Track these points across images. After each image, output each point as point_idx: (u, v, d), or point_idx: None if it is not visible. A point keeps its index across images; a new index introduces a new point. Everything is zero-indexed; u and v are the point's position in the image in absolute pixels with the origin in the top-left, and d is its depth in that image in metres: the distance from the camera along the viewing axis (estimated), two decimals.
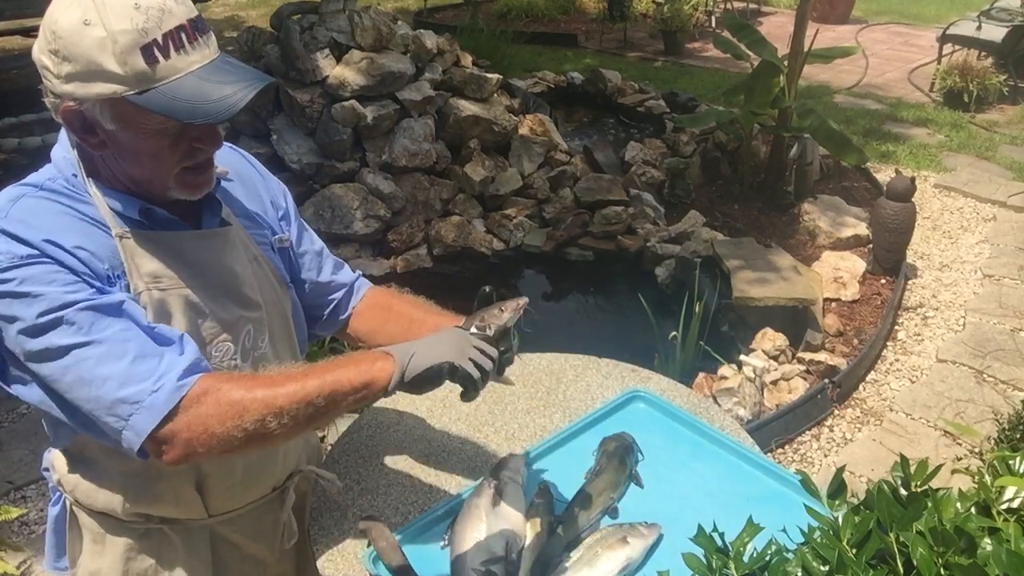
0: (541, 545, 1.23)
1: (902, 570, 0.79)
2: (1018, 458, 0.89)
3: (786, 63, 4.80)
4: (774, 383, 3.32)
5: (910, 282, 4.30)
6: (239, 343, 1.19)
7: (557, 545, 1.25)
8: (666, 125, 5.88)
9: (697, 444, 1.50)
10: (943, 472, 0.94)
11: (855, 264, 4.26)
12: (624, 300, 4.21)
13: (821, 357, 3.46)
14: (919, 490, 0.87)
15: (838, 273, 4.16)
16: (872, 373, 3.58)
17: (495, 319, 1.17)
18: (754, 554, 0.88)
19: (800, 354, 3.52)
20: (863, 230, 4.55)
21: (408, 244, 4.46)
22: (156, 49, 0.98)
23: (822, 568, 0.82)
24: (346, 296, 1.44)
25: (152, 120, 1.01)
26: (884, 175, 5.29)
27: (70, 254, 1.02)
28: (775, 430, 3.11)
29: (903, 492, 0.88)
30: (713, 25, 9.14)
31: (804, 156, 4.87)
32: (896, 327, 3.92)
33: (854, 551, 0.82)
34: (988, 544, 0.77)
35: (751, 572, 0.86)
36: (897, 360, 3.69)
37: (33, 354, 1.00)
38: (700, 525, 0.94)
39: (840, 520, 0.86)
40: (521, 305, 1.19)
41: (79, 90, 1.00)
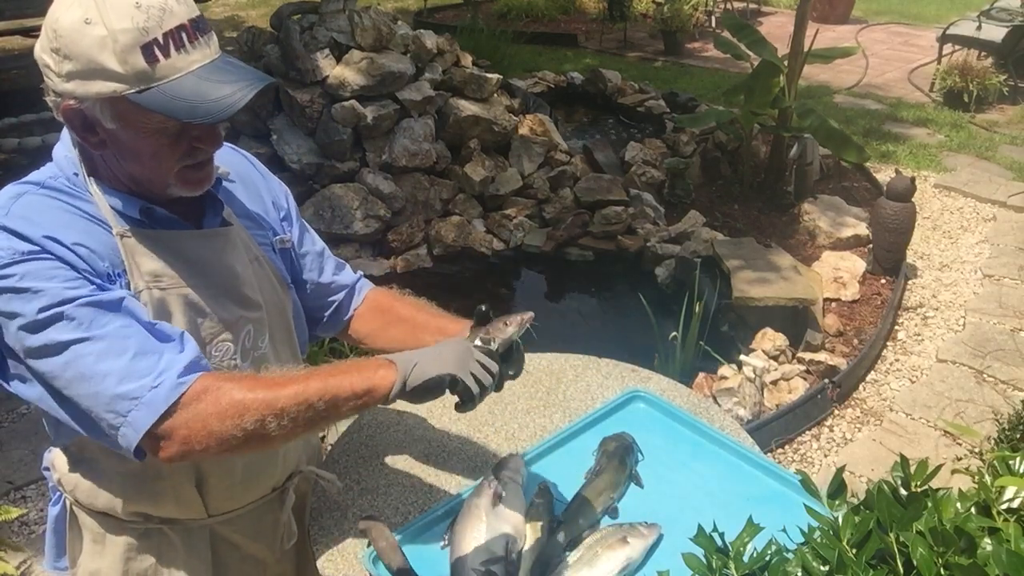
0: (541, 545, 1.23)
1: (902, 570, 0.79)
2: (1018, 458, 0.89)
3: (786, 63, 4.81)
4: (774, 383, 3.32)
5: (910, 282, 4.30)
6: (239, 343, 1.19)
7: (557, 545, 1.25)
8: (666, 125, 5.88)
9: (697, 444, 1.50)
10: (943, 472, 0.94)
11: (855, 264, 4.26)
12: (624, 300, 4.21)
13: (821, 357, 3.46)
14: (919, 490, 0.87)
15: (838, 273, 4.16)
16: (872, 373, 3.58)
17: (500, 333, 1.17)
18: (754, 554, 0.88)
19: (800, 354, 3.52)
20: (863, 230, 4.55)
21: (408, 244, 4.46)
22: (156, 48, 0.98)
23: (822, 568, 0.82)
24: (347, 297, 1.43)
25: (152, 119, 1.01)
26: (884, 175, 5.29)
27: (71, 251, 1.03)
28: (775, 430, 3.11)
29: (903, 492, 0.88)
30: (713, 25, 9.14)
31: (804, 156, 4.87)
32: (896, 327, 3.92)
33: (854, 551, 0.82)
34: (988, 544, 0.77)
35: (751, 572, 0.86)
36: (897, 360, 3.69)
37: (33, 350, 1.00)
38: (700, 525, 0.94)
39: (840, 520, 0.86)
40: (526, 320, 1.20)
41: (79, 88, 1.00)
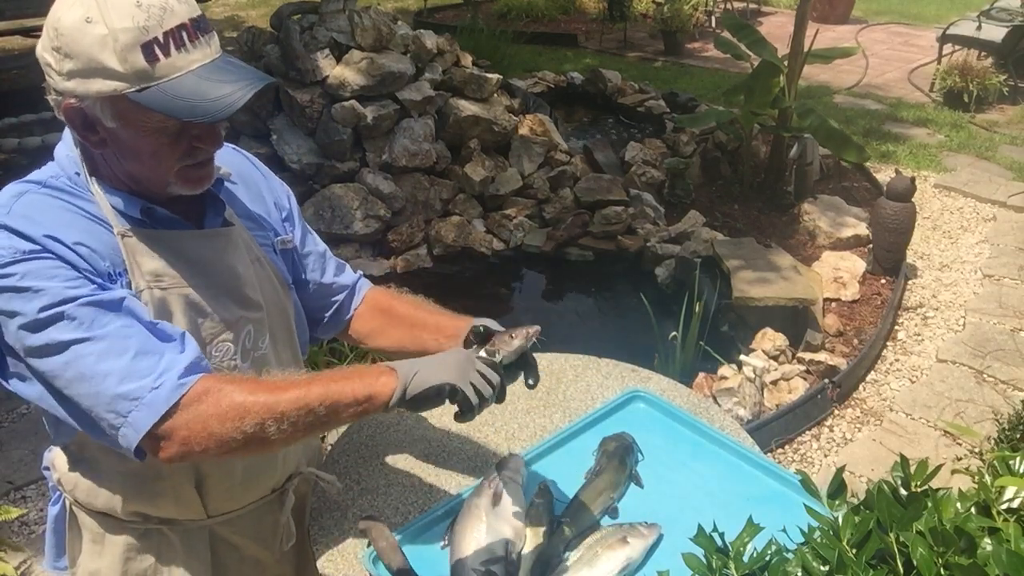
0: (541, 545, 1.23)
1: (902, 570, 0.79)
2: (1018, 458, 0.89)
3: (786, 63, 4.80)
4: (774, 383, 3.32)
5: (910, 282, 4.30)
6: (239, 343, 1.19)
7: (557, 545, 1.25)
8: (666, 125, 5.87)
9: (697, 444, 1.50)
10: (943, 472, 0.94)
11: (855, 264, 4.26)
12: (624, 300, 4.21)
13: (821, 357, 3.46)
14: (919, 490, 0.87)
15: (838, 273, 4.16)
16: (872, 373, 3.58)
17: (505, 345, 1.17)
18: (754, 554, 0.88)
19: (800, 354, 3.52)
20: (863, 230, 4.55)
21: (408, 244, 4.46)
22: (157, 47, 0.98)
23: (822, 568, 0.82)
24: (348, 298, 1.43)
25: (151, 118, 1.02)
26: (884, 175, 5.29)
27: (72, 250, 1.03)
28: (775, 430, 3.11)
29: (903, 492, 0.88)
30: (713, 25, 9.14)
31: (804, 156, 4.87)
32: (896, 327, 3.92)
33: (854, 551, 0.82)
34: (988, 544, 0.77)
35: (751, 572, 0.86)
36: (897, 360, 3.69)
37: (33, 349, 1.00)
38: (700, 525, 0.94)
39: (840, 520, 0.86)
40: (532, 334, 1.20)
41: (80, 87, 1.00)
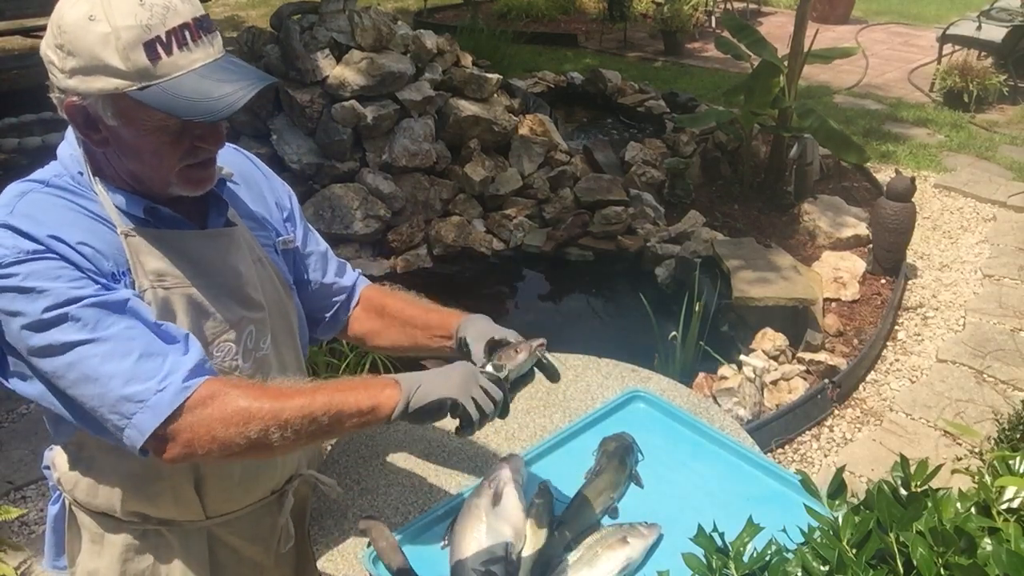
0: (541, 545, 1.23)
1: (902, 570, 0.79)
2: (1018, 458, 0.89)
3: (786, 63, 4.80)
4: (774, 383, 3.32)
5: (910, 282, 4.30)
6: (241, 343, 1.19)
7: (557, 545, 1.25)
8: (666, 125, 5.87)
9: (697, 444, 1.50)
10: (943, 472, 0.94)
11: (855, 264, 4.26)
12: (624, 300, 4.21)
13: (821, 357, 3.46)
14: (919, 490, 0.87)
15: (838, 273, 4.16)
16: (872, 373, 3.58)
17: (511, 360, 1.17)
18: (754, 554, 0.88)
19: (800, 354, 3.52)
20: (863, 230, 4.55)
21: (408, 244, 4.46)
22: (159, 45, 0.98)
23: (822, 568, 0.82)
24: (347, 299, 1.44)
25: (153, 117, 1.02)
26: (884, 175, 5.29)
27: (75, 250, 1.03)
28: (775, 430, 3.11)
29: (903, 492, 0.87)
30: (713, 25, 9.14)
31: (804, 156, 4.87)
32: (896, 327, 3.92)
33: (854, 551, 0.82)
34: (988, 544, 0.77)
35: (751, 572, 0.86)
36: (897, 360, 3.69)
37: (37, 349, 1.00)
38: (700, 525, 0.94)
39: (840, 520, 0.86)
40: (536, 347, 1.20)
41: (82, 85, 1.00)
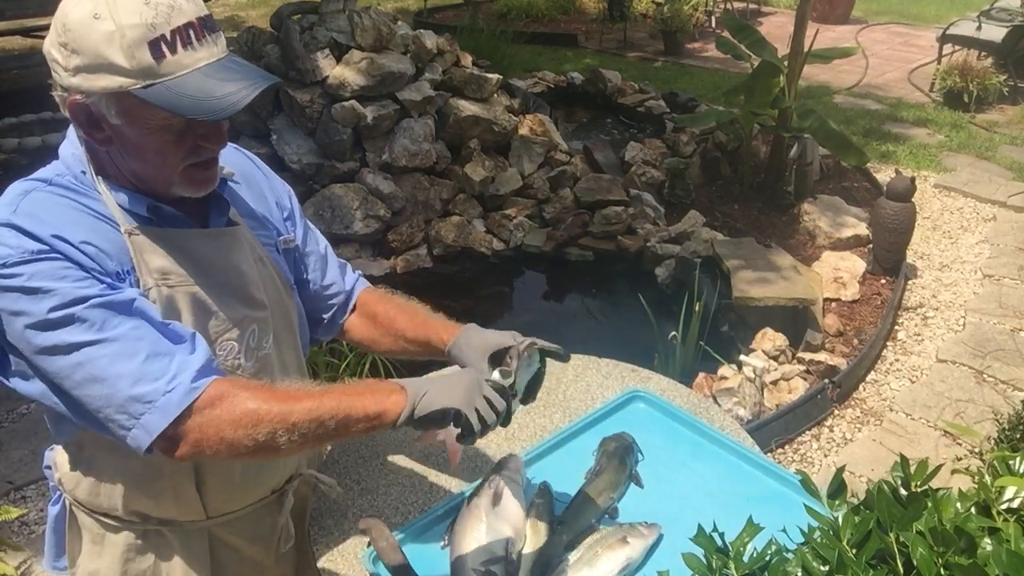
0: (541, 545, 1.23)
1: (902, 570, 0.79)
2: (1018, 458, 0.89)
3: (786, 63, 4.80)
4: (774, 383, 3.32)
5: (910, 282, 4.30)
6: (244, 342, 1.19)
7: (557, 545, 1.25)
8: (666, 125, 5.87)
9: (697, 444, 1.50)
10: (943, 472, 0.94)
11: (855, 264, 4.26)
12: (624, 300, 4.21)
13: (821, 357, 3.46)
14: (919, 490, 0.87)
15: (838, 273, 4.16)
16: (872, 373, 3.58)
17: (516, 362, 1.18)
18: (754, 554, 0.88)
19: (800, 354, 3.52)
20: (863, 230, 4.55)
21: (408, 244, 4.46)
22: (164, 44, 0.99)
23: (822, 568, 0.82)
24: (345, 302, 1.44)
25: (156, 115, 1.02)
26: (884, 175, 5.29)
27: (78, 250, 1.02)
28: (775, 430, 3.11)
29: (903, 492, 0.87)
30: (713, 25, 9.14)
31: (804, 156, 4.87)
32: (896, 327, 3.92)
33: (854, 551, 0.82)
34: (988, 544, 0.77)
35: (751, 572, 0.86)
36: (897, 360, 3.69)
37: (42, 349, 1.00)
38: (700, 525, 0.94)
39: (840, 520, 0.86)
40: (525, 347, 1.19)
41: (86, 83, 1.00)
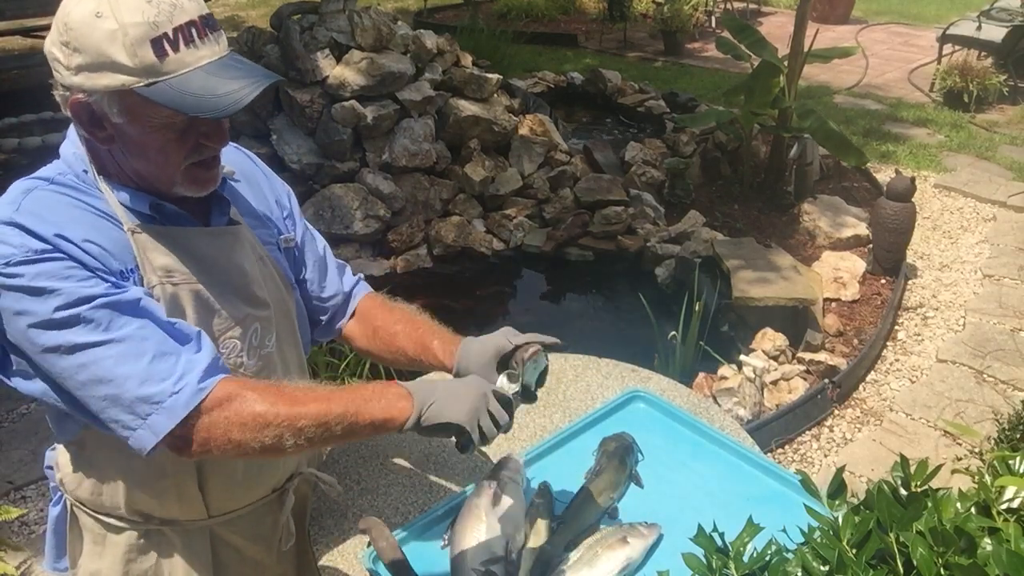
0: (541, 545, 1.23)
1: (902, 570, 0.79)
2: (1018, 458, 0.89)
3: (786, 63, 4.80)
4: (774, 383, 3.32)
5: (910, 282, 4.30)
6: (246, 340, 1.19)
7: (557, 545, 1.25)
8: (666, 125, 5.88)
9: (697, 444, 1.50)
10: (943, 472, 0.94)
11: (855, 264, 4.26)
12: (624, 300, 4.21)
13: (821, 357, 3.46)
14: (919, 490, 0.87)
15: (838, 273, 4.16)
16: (872, 373, 3.58)
17: (525, 362, 1.19)
18: (754, 554, 0.88)
19: (800, 354, 3.52)
20: (863, 230, 4.55)
21: (408, 244, 4.46)
22: (166, 42, 0.99)
23: (822, 568, 0.82)
24: (344, 302, 1.44)
25: (159, 113, 1.02)
26: (884, 175, 5.29)
27: (81, 249, 1.02)
28: (775, 430, 3.11)
29: (903, 492, 0.87)
30: (713, 25, 9.14)
31: (804, 156, 4.87)
32: (896, 327, 3.92)
33: (854, 551, 0.82)
34: (988, 544, 0.77)
35: (751, 572, 0.86)
36: (897, 360, 3.69)
37: (46, 349, 1.00)
38: (700, 525, 0.94)
39: (840, 520, 0.86)
40: (531, 355, 1.20)
41: (88, 82, 1.00)
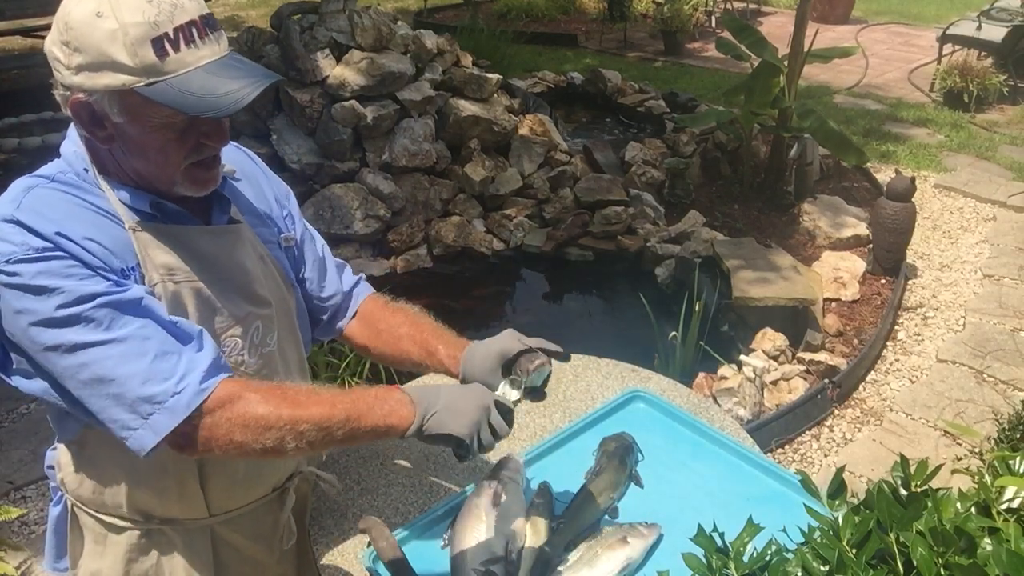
0: (541, 545, 1.23)
1: (902, 570, 0.79)
2: (1018, 458, 0.89)
3: (786, 63, 4.80)
4: (774, 383, 3.32)
5: (910, 282, 4.30)
6: (247, 339, 1.19)
7: (557, 545, 1.25)
8: (666, 125, 5.87)
9: (697, 444, 1.50)
10: (943, 472, 0.94)
11: (855, 264, 4.26)
12: (624, 300, 4.21)
13: (821, 357, 3.46)
14: (919, 490, 0.87)
15: (838, 273, 4.16)
16: (872, 373, 3.58)
17: (529, 369, 1.19)
18: (754, 554, 0.88)
19: (800, 354, 3.52)
20: (863, 230, 4.55)
21: (408, 244, 4.46)
22: (166, 42, 0.99)
23: (822, 568, 0.82)
24: (344, 303, 1.43)
25: (159, 113, 1.02)
26: (884, 175, 5.29)
27: (82, 247, 1.02)
28: (775, 430, 3.11)
29: (903, 492, 0.88)
30: (713, 25, 9.14)
31: (804, 156, 4.87)
32: (896, 327, 3.92)
33: (854, 551, 0.82)
34: (988, 544, 0.77)
35: (751, 572, 0.86)
36: (897, 360, 3.69)
37: (47, 348, 0.99)
38: (700, 525, 0.94)
39: (840, 520, 0.86)
40: (537, 367, 1.21)
41: (88, 81, 1.00)
